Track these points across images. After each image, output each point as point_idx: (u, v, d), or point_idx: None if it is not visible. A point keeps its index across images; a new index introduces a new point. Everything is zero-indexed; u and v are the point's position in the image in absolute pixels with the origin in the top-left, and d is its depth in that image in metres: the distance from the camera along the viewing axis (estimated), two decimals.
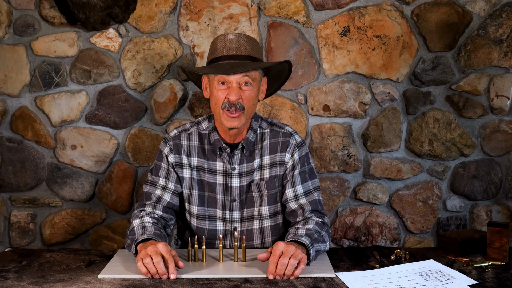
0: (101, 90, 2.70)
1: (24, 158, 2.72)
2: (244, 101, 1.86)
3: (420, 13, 2.67)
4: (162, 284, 1.59)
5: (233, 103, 1.85)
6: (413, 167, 2.75)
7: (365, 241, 2.78)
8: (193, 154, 1.99)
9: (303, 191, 1.96)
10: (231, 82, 1.85)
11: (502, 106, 2.72)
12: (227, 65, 1.85)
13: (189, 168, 1.99)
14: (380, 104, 2.72)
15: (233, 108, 1.85)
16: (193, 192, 1.99)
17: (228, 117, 1.87)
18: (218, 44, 1.90)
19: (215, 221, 2.00)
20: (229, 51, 1.87)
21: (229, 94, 1.85)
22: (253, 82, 1.88)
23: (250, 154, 1.98)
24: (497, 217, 2.78)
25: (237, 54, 1.87)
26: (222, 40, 1.89)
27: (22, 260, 1.87)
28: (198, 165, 1.99)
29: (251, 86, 1.87)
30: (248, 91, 1.87)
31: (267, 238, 2.02)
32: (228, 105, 1.85)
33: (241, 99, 1.86)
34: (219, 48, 1.89)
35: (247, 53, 1.88)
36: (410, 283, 1.61)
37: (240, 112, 1.86)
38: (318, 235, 1.81)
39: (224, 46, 1.88)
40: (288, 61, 1.98)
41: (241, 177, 1.97)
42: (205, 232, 2.00)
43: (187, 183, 1.99)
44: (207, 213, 1.99)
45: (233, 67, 1.83)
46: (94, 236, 2.77)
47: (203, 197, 1.99)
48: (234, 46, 1.88)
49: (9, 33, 2.67)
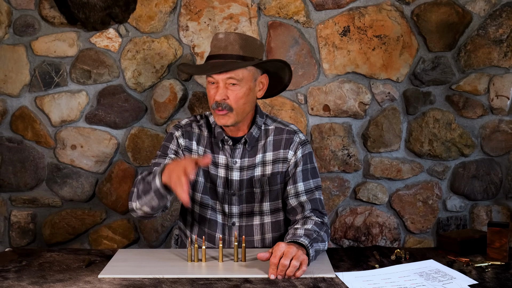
0: (101, 90, 2.70)
1: (24, 158, 2.72)
2: (231, 101, 1.89)
3: (420, 13, 2.67)
4: (162, 284, 1.59)
5: (220, 103, 1.88)
6: (413, 167, 2.75)
7: (365, 241, 2.78)
8: (202, 144, 2.01)
9: (304, 189, 1.97)
10: (218, 82, 1.89)
11: (502, 106, 2.72)
12: (209, 65, 1.90)
13: (197, 155, 2.01)
14: (380, 104, 2.72)
15: (220, 108, 1.89)
16: (198, 179, 2.00)
17: (217, 116, 1.91)
18: (211, 43, 1.95)
19: (216, 213, 2.01)
20: (217, 50, 1.91)
21: (215, 94, 1.89)
22: (240, 82, 1.89)
23: (252, 149, 1.99)
24: (497, 217, 2.78)
25: (224, 54, 1.90)
26: (214, 39, 1.93)
27: (22, 260, 1.87)
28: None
29: (238, 86, 1.89)
30: (236, 91, 1.89)
31: (267, 234, 2.02)
32: (215, 105, 1.89)
33: (228, 99, 1.89)
34: (211, 47, 1.94)
35: (235, 52, 1.90)
36: (410, 283, 1.61)
37: (226, 111, 1.89)
38: (317, 234, 1.81)
39: (214, 46, 1.92)
40: (280, 60, 1.97)
41: (242, 171, 1.98)
42: (206, 221, 2.01)
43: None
44: (210, 202, 2.00)
45: (214, 67, 1.87)
46: (94, 236, 2.77)
47: (206, 187, 2.00)
48: (223, 46, 1.90)
49: (9, 33, 2.67)
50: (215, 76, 1.88)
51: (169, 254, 1.88)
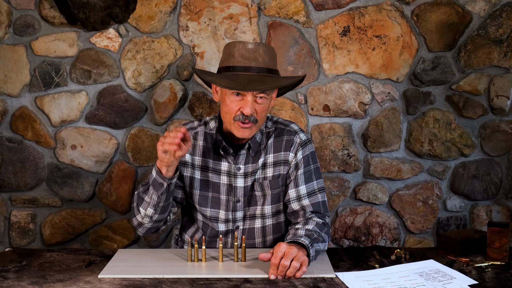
0: (101, 90, 2.70)
1: (24, 158, 2.72)
2: (258, 114, 1.85)
3: (420, 13, 2.67)
4: (162, 284, 1.59)
5: (247, 116, 1.83)
6: (413, 167, 2.75)
7: (365, 241, 2.78)
8: (198, 154, 1.98)
9: (306, 192, 1.95)
10: (246, 95, 1.82)
11: (502, 106, 2.72)
12: (245, 79, 1.80)
13: (191, 167, 1.98)
14: (380, 104, 2.72)
15: (247, 121, 1.83)
16: (194, 192, 1.99)
17: (239, 128, 1.85)
18: (235, 52, 1.85)
19: (217, 223, 1.99)
20: (247, 62, 1.83)
21: (243, 108, 1.82)
22: (268, 95, 1.86)
23: (256, 154, 1.97)
24: (497, 217, 2.78)
25: (255, 66, 1.83)
26: (241, 49, 1.84)
27: (22, 260, 1.87)
28: (203, 165, 1.98)
29: (266, 99, 1.85)
30: (263, 105, 1.85)
31: (268, 237, 2.02)
32: (241, 117, 1.83)
33: (255, 112, 1.84)
34: (237, 56, 1.84)
35: (265, 65, 1.84)
36: (410, 283, 1.61)
37: (252, 124, 1.85)
38: (318, 235, 1.81)
39: (241, 55, 1.83)
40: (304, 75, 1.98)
41: (246, 177, 1.96)
42: (207, 230, 2.00)
43: (187, 181, 1.99)
44: (208, 213, 1.99)
45: (251, 82, 1.79)
46: (94, 236, 2.77)
47: (206, 197, 1.98)
48: (253, 57, 1.83)
49: (9, 33, 2.67)
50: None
51: (169, 254, 1.88)
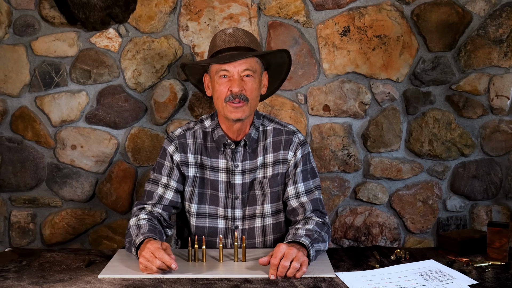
0: (101, 90, 2.70)
1: (24, 158, 2.72)
2: (247, 92, 1.89)
3: (420, 13, 2.67)
4: (162, 284, 1.59)
5: (236, 94, 1.87)
6: (413, 167, 2.75)
7: (365, 241, 2.78)
8: (198, 152, 2.01)
9: (304, 189, 1.97)
10: (232, 75, 1.88)
11: (502, 106, 2.72)
12: (227, 55, 1.89)
13: (194, 166, 2.00)
14: (380, 104, 2.72)
15: (237, 100, 1.87)
16: (194, 190, 2.00)
17: (232, 109, 1.89)
18: (217, 39, 1.95)
19: (216, 219, 2.00)
20: (228, 44, 1.91)
21: (231, 86, 1.88)
22: (254, 74, 1.91)
23: (253, 151, 1.99)
24: (497, 217, 2.78)
25: (236, 46, 1.91)
26: (221, 35, 1.94)
27: (22, 260, 1.87)
28: (201, 163, 2.00)
29: (253, 77, 1.90)
30: (250, 82, 1.90)
31: (268, 236, 2.02)
32: (231, 97, 1.88)
33: (244, 90, 1.88)
34: (219, 42, 1.93)
35: (246, 45, 1.92)
36: (410, 283, 1.61)
37: (243, 103, 1.89)
38: (318, 235, 1.81)
39: (223, 40, 1.92)
40: (286, 50, 2.00)
41: (244, 174, 1.98)
42: (205, 230, 2.00)
43: (191, 181, 2.00)
44: (207, 211, 2.00)
45: (233, 56, 1.87)
46: (94, 236, 2.77)
47: (204, 195, 2.00)
48: (233, 39, 1.91)
49: (9, 33, 2.67)
50: (230, 69, 1.88)
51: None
